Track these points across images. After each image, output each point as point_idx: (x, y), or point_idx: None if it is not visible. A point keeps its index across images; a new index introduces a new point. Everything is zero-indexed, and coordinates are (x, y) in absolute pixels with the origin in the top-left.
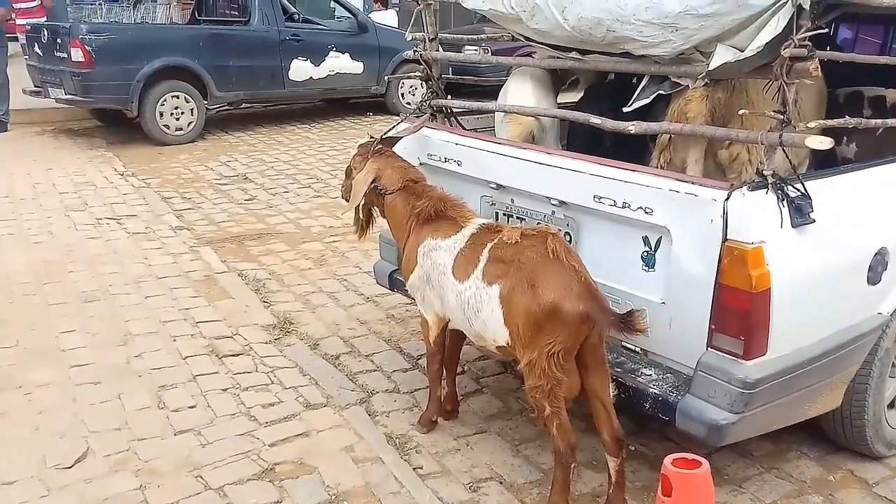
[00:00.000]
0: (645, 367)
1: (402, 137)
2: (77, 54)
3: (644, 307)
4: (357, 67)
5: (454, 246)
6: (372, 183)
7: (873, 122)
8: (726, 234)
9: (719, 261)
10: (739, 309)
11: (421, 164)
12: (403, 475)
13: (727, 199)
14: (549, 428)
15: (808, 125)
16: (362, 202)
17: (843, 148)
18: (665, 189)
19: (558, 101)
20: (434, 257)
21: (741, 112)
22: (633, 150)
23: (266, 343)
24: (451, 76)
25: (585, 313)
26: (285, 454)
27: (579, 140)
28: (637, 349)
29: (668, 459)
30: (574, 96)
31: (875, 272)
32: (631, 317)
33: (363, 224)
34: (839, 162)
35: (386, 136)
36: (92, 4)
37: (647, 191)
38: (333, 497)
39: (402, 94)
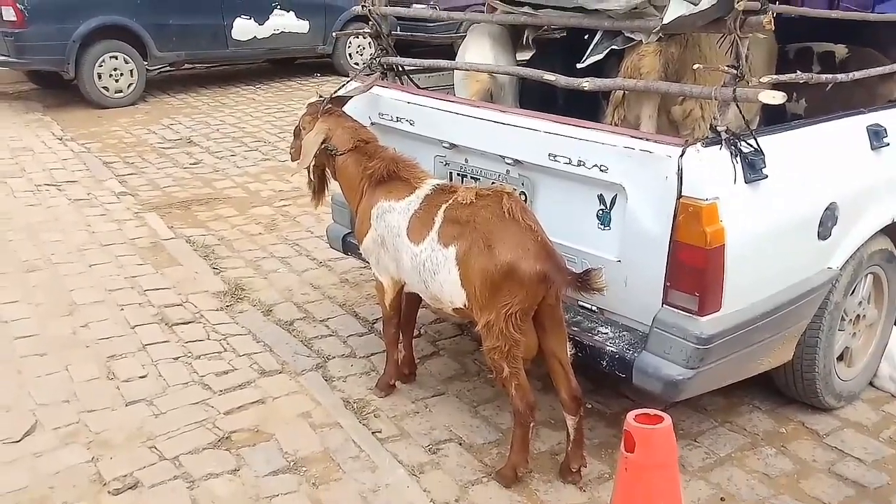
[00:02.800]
0: (602, 326)
1: (352, 97)
2: (9, 13)
3: (600, 265)
4: (303, 26)
5: (408, 208)
6: (322, 143)
7: (824, 77)
8: (681, 191)
9: (674, 217)
10: (694, 266)
11: (372, 123)
12: (362, 439)
13: (682, 155)
14: (507, 388)
15: (761, 80)
16: (312, 163)
17: (792, 104)
18: (620, 146)
19: (517, 59)
20: (388, 219)
21: (695, 67)
22: (587, 108)
23: (217, 310)
24: (399, 33)
25: (542, 273)
26: (241, 422)
27: (534, 98)
28: (593, 308)
29: (630, 415)
30: (526, 53)
31: (825, 227)
32: (588, 276)
33: (316, 188)
34: (789, 118)
35: (336, 95)
36: None
37: (603, 148)
38: (291, 463)
39: (350, 55)
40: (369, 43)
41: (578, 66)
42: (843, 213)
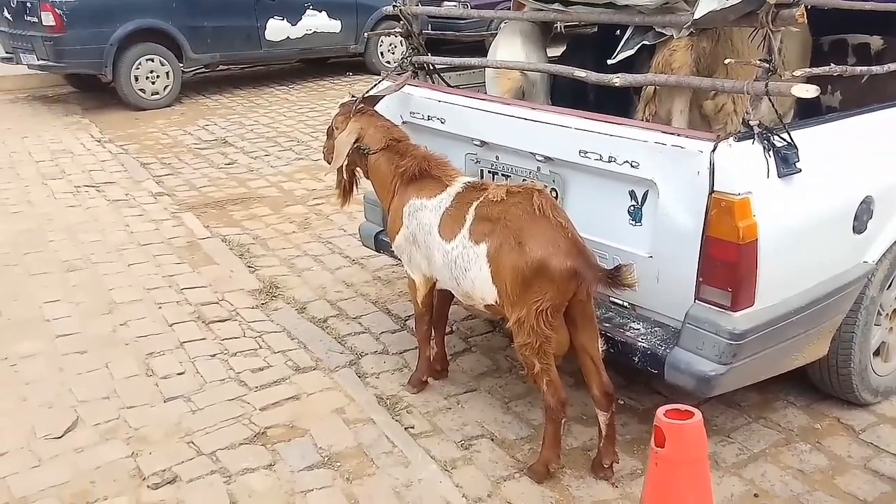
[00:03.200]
0: (633, 322)
1: (383, 96)
2: (48, 18)
3: (631, 262)
4: (335, 26)
5: (440, 205)
6: (355, 143)
7: (858, 69)
8: (713, 186)
9: (706, 213)
10: (727, 261)
11: (404, 122)
12: (395, 435)
13: (713, 150)
14: (538, 384)
15: (794, 73)
16: (345, 163)
17: (827, 97)
18: (651, 142)
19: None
20: (420, 217)
21: (726, 61)
22: (619, 104)
23: (252, 308)
24: (430, 32)
25: (573, 269)
26: (276, 418)
27: (565, 95)
28: (625, 304)
29: (660, 411)
30: (557, 50)
31: (861, 221)
32: (618, 272)
33: (346, 186)
34: (823, 111)
35: (368, 94)
36: None
37: (633, 144)
38: (326, 458)
39: (382, 53)
40: (400, 41)
41: (609, 62)
42: (878, 206)
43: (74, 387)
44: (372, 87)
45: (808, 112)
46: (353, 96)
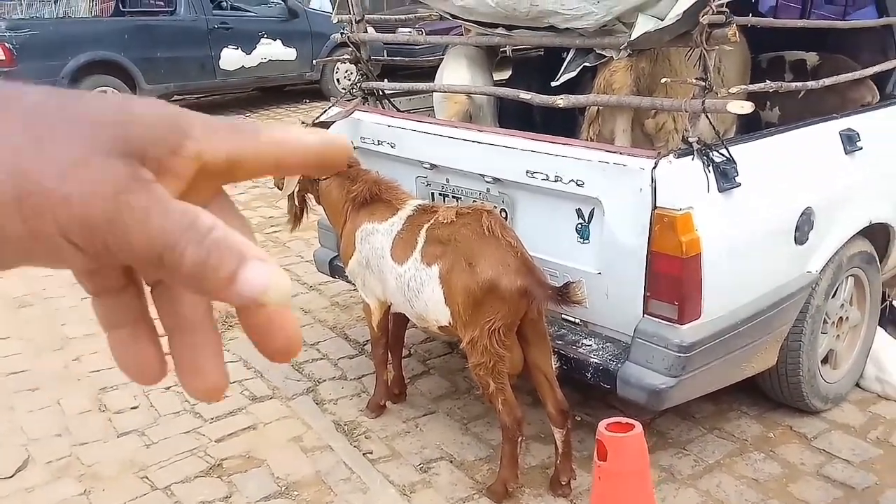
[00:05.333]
0: (585, 338)
1: (333, 122)
2: None
3: (581, 279)
4: (289, 54)
5: (391, 229)
6: None
7: (794, 85)
8: (655, 202)
9: (650, 228)
10: (672, 275)
11: (355, 148)
12: (353, 461)
13: (654, 167)
14: (494, 404)
15: (730, 91)
16: (296, 189)
17: (767, 113)
18: (595, 161)
19: (495, 79)
20: (372, 241)
21: (663, 81)
22: (565, 124)
23: None
24: (384, 58)
25: (523, 288)
26: (233, 449)
27: (513, 117)
28: (577, 321)
29: (602, 424)
30: (504, 73)
31: (802, 232)
32: (567, 289)
33: (297, 213)
34: (763, 127)
35: (318, 121)
36: (11, 1)
37: (578, 163)
38: (283, 488)
39: (338, 80)
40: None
41: (553, 83)
42: (819, 217)
43: (26, 425)
44: (322, 114)
45: (750, 128)
46: (303, 123)
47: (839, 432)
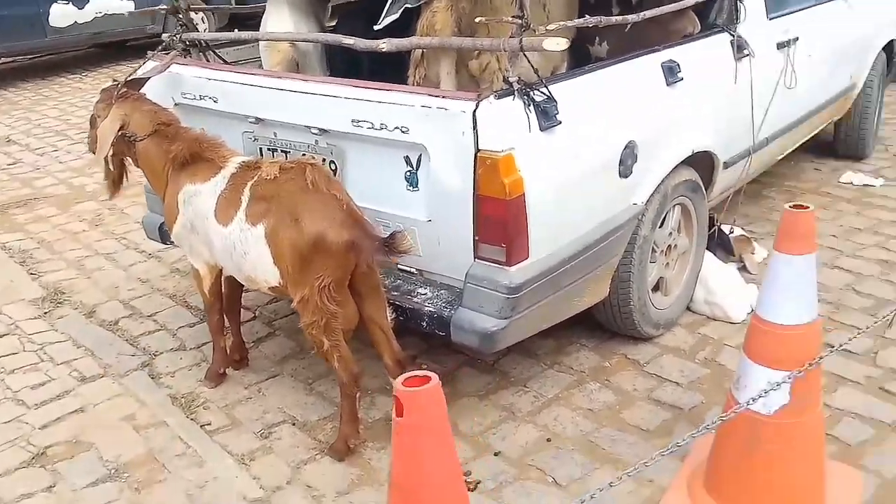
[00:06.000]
0: (421, 287)
1: (149, 78)
2: None
3: (414, 227)
4: (127, 6)
5: (215, 189)
6: (119, 130)
7: (613, 19)
8: (478, 145)
9: (474, 172)
10: (498, 217)
11: (176, 104)
12: (190, 435)
13: (475, 109)
14: (330, 362)
15: (548, 28)
16: (111, 153)
17: (596, 48)
18: (417, 106)
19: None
20: (195, 203)
21: (477, 19)
22: (396, 70)
23: (34, 318)
24: (233, 6)
25: (350, 241)
26: (58, 435)
27: (342, 64)
28: (412, 270)
29: (398, 380)
30: (333, 20)
31: (626, 165)
32: (393, 239)
33: (115, 179)
34: (594, 62)
35: (131, 77)
36: None
37: (401, 109)
38: (113, 471)
39: None
40: (202, 17)
41: (375, 27)
42: (642, 150)
43: None
44: (136, 70)
45: (581, 64)
46: (115, 81)
47: (670, 356)
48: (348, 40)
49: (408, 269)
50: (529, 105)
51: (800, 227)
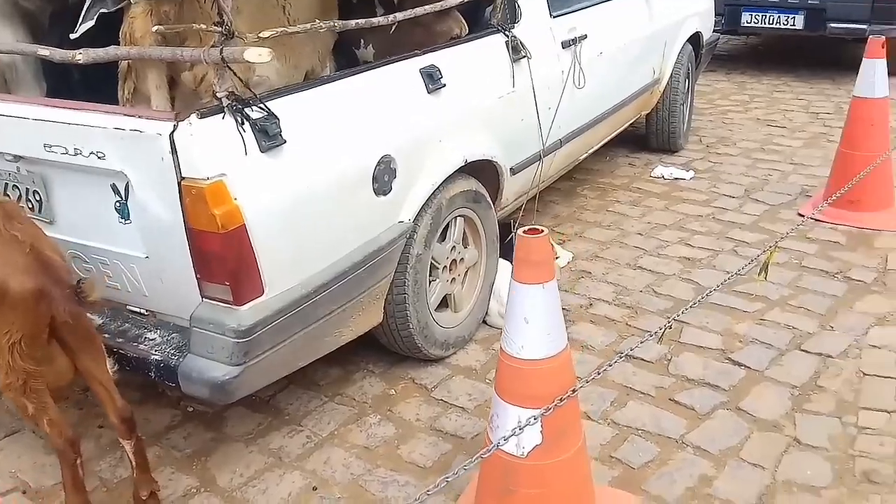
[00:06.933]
0: (150, 331)
1: None
2: None
3: (132, 264)
4: None
5: None
6: None
7: (353, 23)
8: (180, 172)
9: (182, 203)
10: (215, 253)
11: None
12: None
13: (173, 131)
14: (40, 427)
15: (260, 35)
16: None
17: (362, 51)
18: (110, 128)
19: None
20: None
21: (154, 29)
22: (114, 84)
23: None
24: None
25: (36, 290)
26: None
27: (64, 80)
28: (143, 311)
29: None
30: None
31: (382, 182)
32: (80, 287)
33: None
34: (361, 65)
35: None
36: None
37: (94, 132)
38: None
39: None
40: None
41: (72, 36)
42: (401, 164)
43: None
44: None
45: (352, 65)
46: None
47: (460, 377)
48: (44, 50)
49: (137, 310)
50: (244, 124)
51: (534, 253)
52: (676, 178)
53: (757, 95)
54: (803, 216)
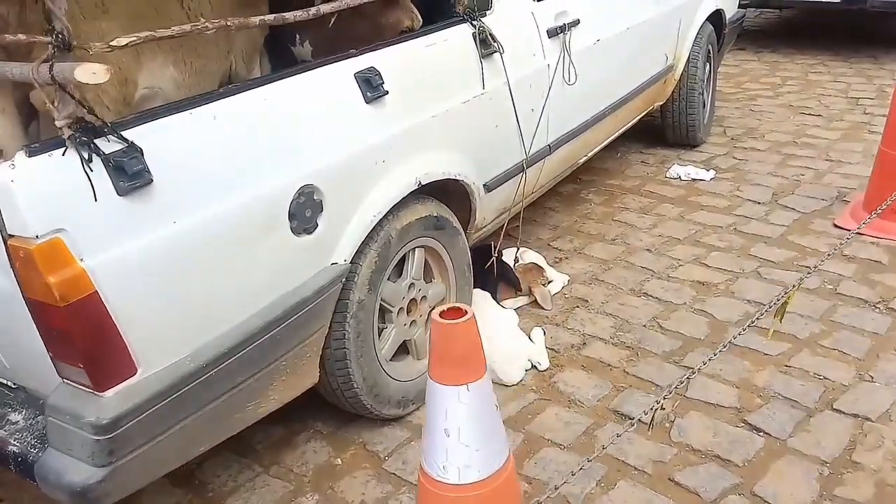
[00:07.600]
0: (15, 411)
1: None
2: None
3: None
4: None
5: None
6: None
7: (271, 17)
8: (5, 229)
9: (13, 267)
10: (60, 329)
11: None
12: None
13: None
14: None
15: (112, 43)
16: None
17: (299, 49)
18: None
19: None
20: None
21: None
22: None
23: None
24: None
25: None
26: None
27: None
28: (10, 384)
29: None
30: None
31: (302, 219)
32: None
33: None
34: (298, 64)
35: None
36: None
37: None
38: None
39: None
40: None
41: None
42: (329, 194)
43: None
44: None
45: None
46: None
47: (418, 441)
48: None
49: (6, 381)
50: (91, 160)
51: (457, 345)
52: (694, 180)
53: (790, 78)
54: (840, 227)
